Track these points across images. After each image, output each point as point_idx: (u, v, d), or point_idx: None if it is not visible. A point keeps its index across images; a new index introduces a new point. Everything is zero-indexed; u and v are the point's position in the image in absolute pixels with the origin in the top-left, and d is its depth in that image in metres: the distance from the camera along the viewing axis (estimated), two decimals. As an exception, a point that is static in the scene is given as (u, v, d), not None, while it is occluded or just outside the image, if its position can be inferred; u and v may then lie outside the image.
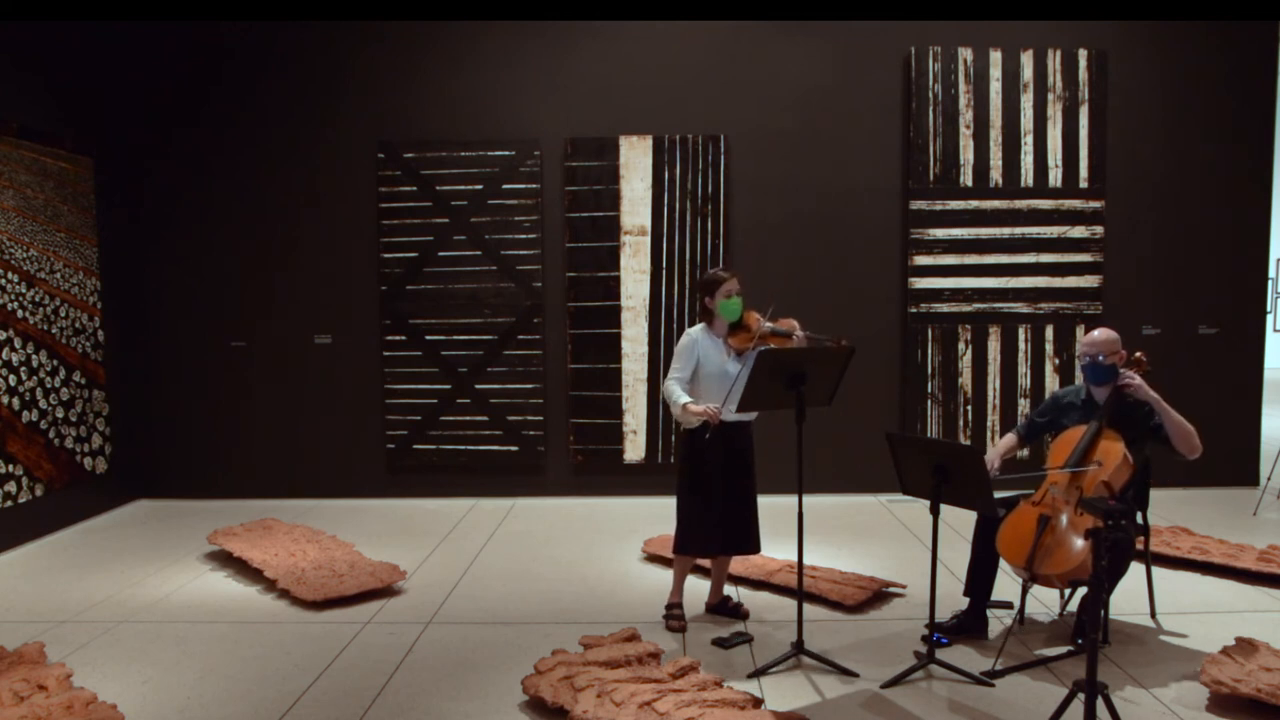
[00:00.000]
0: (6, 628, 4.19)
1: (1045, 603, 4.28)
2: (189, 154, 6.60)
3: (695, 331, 3.98)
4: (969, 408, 6.53)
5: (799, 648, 3.65)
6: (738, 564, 4.69)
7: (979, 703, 3.30)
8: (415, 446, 6.67)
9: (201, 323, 6.70)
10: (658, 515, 6.03)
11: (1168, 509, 5.94)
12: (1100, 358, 3.77)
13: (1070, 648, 3.72)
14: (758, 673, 3.57)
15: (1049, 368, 6.53)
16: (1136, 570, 4.09)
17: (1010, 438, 4.03)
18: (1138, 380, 3.71)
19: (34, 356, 5.68)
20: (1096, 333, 3.83)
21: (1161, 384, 3.95)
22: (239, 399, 6.73)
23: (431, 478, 6.70)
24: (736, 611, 4.18)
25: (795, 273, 6.43)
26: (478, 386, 6.61)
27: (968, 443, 6.18)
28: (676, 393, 3.87)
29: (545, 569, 4.98)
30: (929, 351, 6.51)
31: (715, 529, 3.98)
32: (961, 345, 6.52)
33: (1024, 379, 6.53)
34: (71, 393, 6.02)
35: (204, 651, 3.87)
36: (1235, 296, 6.58)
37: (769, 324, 3.89)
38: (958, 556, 4.52)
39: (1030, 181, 6.43)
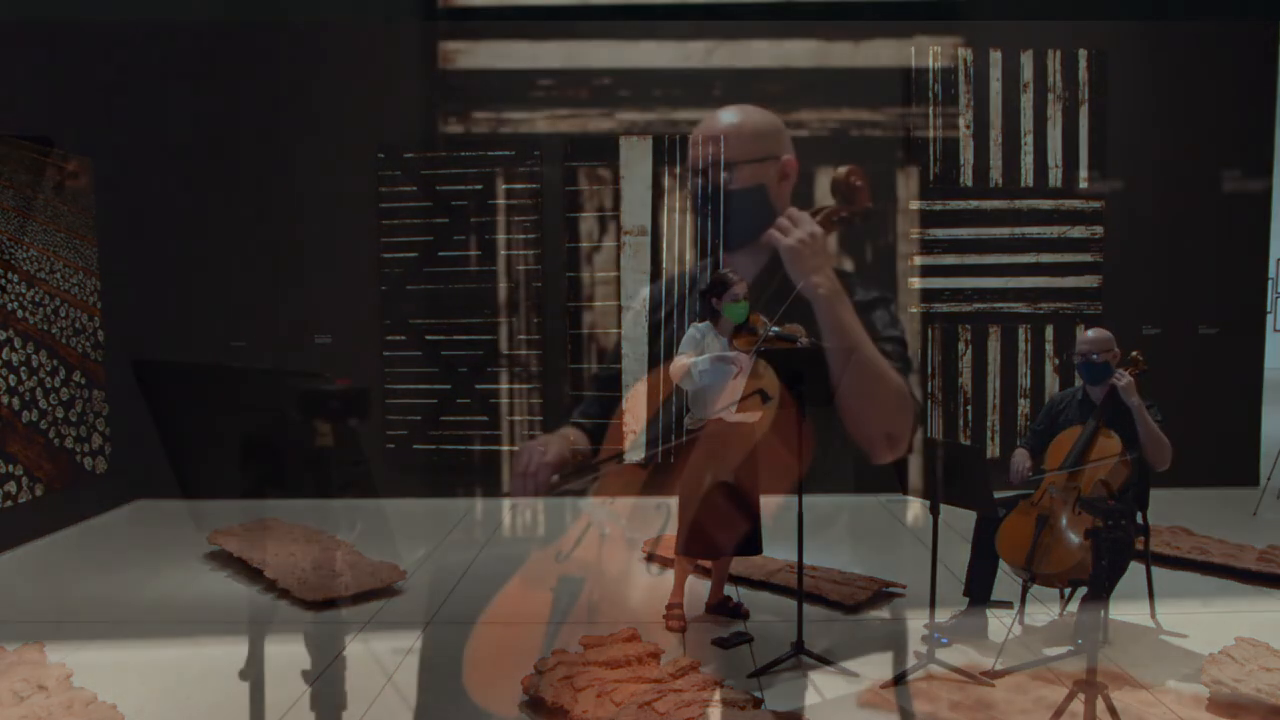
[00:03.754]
0: (6, 628, 4.18)
1: (1045, 603, 4.28)
2: (189, 154, 6.59)
3: (702, 327, 3.98)
4: (969, 408, 6.53)
5: (799, 648, 3.64)
6: (738, 564, 4.68)
7: (979, 703, 3.30)
8: (415, 446, 6.67)
9: (201, 323, 6.70)
10: (658, 515, 6.01)
11: (1168, 509, 5.93)
12: (1094, 356, 3.79)
13: (1070, 648, 3.72)
14: (758, 673, 3.57)
15: (1049, 368, 6.53)
16: (1136, 570, 4.08)
17: (1023, 451, 4.04)
18: (1126, 380, 3.72)
19: (34, 356, 5.68)
20: (1090, 332, 3.88)
21: (1162, 384, 3.96)
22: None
23: (431, 478, 6.70)
24: (737, 611, 4.18)
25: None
26: (478, 386, 6.61)
27: (967, 443, 6.19)
28: (695, 358, 3.83)
29: (545, 569, 4.98)
30: (929, 351, 6.51)
31: (717, 530, 3.97)
32: (961, 345, 6.51)
33: (1024, 379, 6.52)
34: (71, 393, 6.02)
35: (204, 652, 3.87)
36: (1235, 296, 6.57)
37: (775, 328, 3.89)
38: (958, 556, 4.52)
39: (1030, 181, 6.43)
